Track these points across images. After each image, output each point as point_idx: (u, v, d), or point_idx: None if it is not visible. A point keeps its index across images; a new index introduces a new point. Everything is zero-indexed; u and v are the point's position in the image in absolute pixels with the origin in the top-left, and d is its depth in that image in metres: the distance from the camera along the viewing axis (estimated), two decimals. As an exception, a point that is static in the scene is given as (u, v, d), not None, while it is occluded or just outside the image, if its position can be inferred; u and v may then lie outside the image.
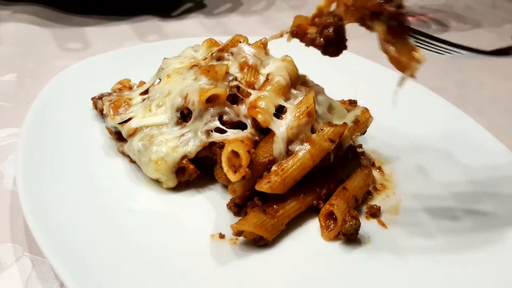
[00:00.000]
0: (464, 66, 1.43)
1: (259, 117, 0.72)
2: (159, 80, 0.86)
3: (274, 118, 0.73)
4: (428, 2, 2.05)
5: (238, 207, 0.72)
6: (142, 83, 0.93)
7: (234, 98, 0.78)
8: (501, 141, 0.87)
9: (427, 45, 0.72)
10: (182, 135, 0.75)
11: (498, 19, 1.90)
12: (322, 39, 0.68)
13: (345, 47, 0.71)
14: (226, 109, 0.75)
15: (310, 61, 0.97)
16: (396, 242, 0.69)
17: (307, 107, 0.73)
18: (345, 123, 0.77)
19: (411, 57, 0.61)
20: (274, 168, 0.70)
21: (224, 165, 0.69)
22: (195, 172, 0.75)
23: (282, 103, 0.76)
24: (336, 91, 0.92)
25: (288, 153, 0.71)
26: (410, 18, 1.98)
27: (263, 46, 0.86)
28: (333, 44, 0.68)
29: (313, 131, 0.73)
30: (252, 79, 0.80)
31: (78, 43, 1.31)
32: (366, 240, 0.69)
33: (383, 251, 0.67)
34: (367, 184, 0.77)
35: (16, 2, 1.50)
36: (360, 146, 0.87)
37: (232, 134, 0.73)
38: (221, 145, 0.72)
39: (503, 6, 2.04)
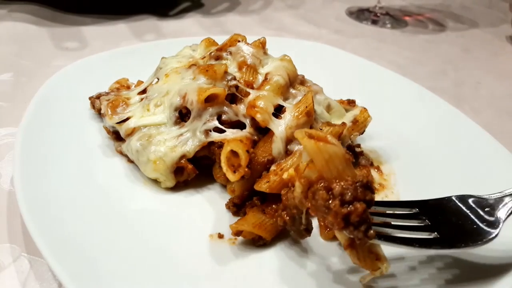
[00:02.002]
0: (460, 66, 1.44)
1: (258, 117, 0.72)
2: (157, 80, 0.86)
3: (273, 118, 0.73)
4: (425, 2, 2.05)
5: (237, 207, 0.72)
6: (140, 82, 0.93)
7: (233, 97, 0.78)
8: (498, 140, 0.87)
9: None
10: (181, 134, 0.75)
11: (495, 19, 1.91)
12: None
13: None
14: (225, 108, 0.75)
15: (308, 61, 0.97)
16: (394, 242, 0.69)
17: (306, 107, 0.73)
18: (343, 123, 0.77)
19: (375, 264, 0.56)
20: (273, 167, 0.70)
21: (223, 164, 0.68)
22: (194, 171, 0.74)
23: (281, 102, 0.76)
24: (334, 91, 0.93)
25: (287, 152, 0.71)
26: (407, 18, 1.97)
27: (261, 45, 0.86)
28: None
29: (312, 130, 0.73)
30: (251, 78, 0.80)
31: (75, 43, 1.31)
32: (364, 240, 0.69)
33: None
34: (366, 183, 0.77)
35: (13, 1, 1.49)
36: (359, 145, 0.87)
37: (231, 133, 0.73)
38: (220, 145, 0.72)
39: (500, 6, 2.05)
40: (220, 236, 0.67)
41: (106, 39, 1.34)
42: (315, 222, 0.71)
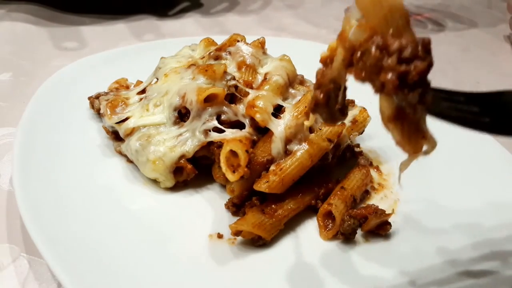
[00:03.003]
0: (460, 66, 1.44)
1: (257, 117, 0.72)
2: (156, 80, 0.86)
3: (272, 118, 0.73)
4: (424, 2, 2.05)
5: (236, 207, 0.72)
6: (139, 82, 0.92)
7: (232, 97, 0.78)
8: (497, 140, 0.87)
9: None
10: (180, 134, 0.75)
11: (494, 19, 1.91)
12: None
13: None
14: (224, 108, 0.75)
15: (307, 61, 0.97)
16: (394, 242, 0.69)
17: (305, 107, 0.73)
18: (343, 123, 0.76)
19: (419, 144, 0.47)
20: (272, 167, 0.70)
21: (223, 164, 0.68)
22: (193, 171, 0.74)
23: (280, 102, 0.76)
24: (333, 91, 0.92)
25: (287, 152, 0.71)
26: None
27: (261, 45, 0.86)
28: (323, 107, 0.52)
29: (311, 130, 0.73)
30: (250, 78, 0.80)
31: (74, 42, 1.30)
32: (364, 240, 0.69)
33: (381, 251, 0.67)
34: (365, 183, 0.77)
35: (12, 0, 1.49)
36: (358, 145, 0.87)
37: (230, 133, 0.73)
38: (219, 145, 0.72)
39: (499, 6, 2.05)
40: (220, 236, 0.67)
41: (105, 39, 1.34)
42: (314, 222, 0.71)
